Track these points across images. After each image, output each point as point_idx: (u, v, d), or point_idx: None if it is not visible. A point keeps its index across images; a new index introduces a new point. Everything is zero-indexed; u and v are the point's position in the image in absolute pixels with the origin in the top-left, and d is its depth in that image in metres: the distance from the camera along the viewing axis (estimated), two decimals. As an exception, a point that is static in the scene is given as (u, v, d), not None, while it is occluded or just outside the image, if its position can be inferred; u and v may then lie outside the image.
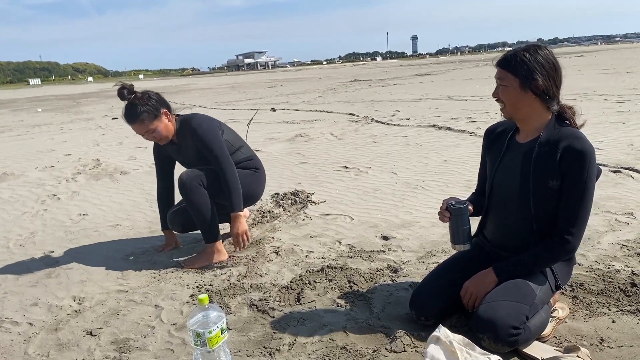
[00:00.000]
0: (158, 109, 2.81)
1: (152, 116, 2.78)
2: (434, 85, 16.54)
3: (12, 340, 2.24)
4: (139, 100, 2.77)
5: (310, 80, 29.02)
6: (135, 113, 2.75)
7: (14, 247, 3.47)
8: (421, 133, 7.01)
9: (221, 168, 2.81)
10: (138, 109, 2.75)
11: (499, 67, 1.95)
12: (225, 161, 2.83)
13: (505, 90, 1.92)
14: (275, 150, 6.55)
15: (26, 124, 12.88)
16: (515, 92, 1.90)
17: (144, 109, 2.75)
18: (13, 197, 4.89)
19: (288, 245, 3.15)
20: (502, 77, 1.93)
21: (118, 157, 6.76)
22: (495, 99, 1.99)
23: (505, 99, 1.93)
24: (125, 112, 2.78)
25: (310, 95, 16.58)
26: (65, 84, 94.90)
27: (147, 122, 2.77)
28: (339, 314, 2.26)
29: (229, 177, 2.81)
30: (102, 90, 38.02)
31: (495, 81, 1.97)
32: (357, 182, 4.58)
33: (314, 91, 18.47)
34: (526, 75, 1.87)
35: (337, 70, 51.66)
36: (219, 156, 2.82)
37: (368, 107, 11.01)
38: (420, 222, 3.40)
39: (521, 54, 1.89)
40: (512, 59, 1.90)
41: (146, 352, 2.07)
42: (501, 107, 1.98)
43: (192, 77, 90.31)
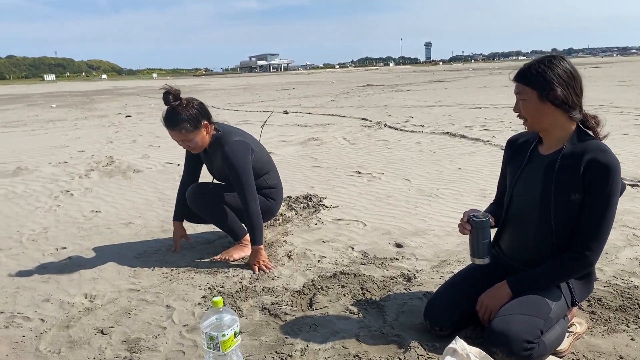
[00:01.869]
0: (199, 121, 2.76)
1: (192, 127, 2.73)
2: (447, 92, 16.48)
3: (24, 335, 2.24)
4: (182, 109, 2.71)
5: (322, 84, 29.05)
6: (176, 120, 2.70)
7: (27, 242, 3.48)
8: (435, 140, 6.98)
9: (246, 201, 2.77)
10: (180, 117, 2.70)
11: (516, 82, 1.92)
12: (250, 194, 2.78)
13: (525, 104, 1.89)
14: (288, 153, 6.54)
15: (40, 119, 12.98)
16: (535, 105, 1.87)
17: (185, 118, 2.70)
18: (27, 192, 4.92)
19: (300, 249, 3.13)
20: (521, 92, 1.90)
21: (131, 155, 6.78)
22: (516, 114, 1.96)
23: (526, 113, 1.91)
24: (166, 117, 2.74)
25: (323, 98, 16.58)
26: (79, 81, 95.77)
27: (186, 132, 2.73)
28: (352, 321, 2.24)
29: (252, 211, 2.78)
30: (116, 88, 38.33)
31: (515, 96, 1.94)
32: (370, 188, 4.55)
33: (327, 95, 18.47)
34: (543, 87, 1.84)
35: (350, 75, 51.68)
36: (244, 188, 2.78)
37: (381, 112, 10.98)
38: (434, 230, 3.37)
39: (536, 65, 1.87)
40: (528, 71, 1.88)
41: (157, 353, 2.06)
42: (524, 122, 1.95)
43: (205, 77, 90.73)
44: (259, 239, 2.80)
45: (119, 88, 38.54)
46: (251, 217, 2.77)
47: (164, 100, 2.71)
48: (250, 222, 2.78)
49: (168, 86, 2.72)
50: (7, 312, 2.47)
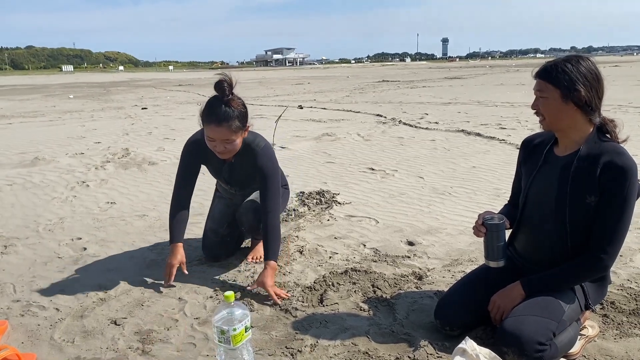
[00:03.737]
0: (246, 120, 2.48)
1: (240, 127, 2.43)
2: (463, 90, 16.36)
3: (39, 324, 2.28)
4: (236, 104, 2.40)
5: (337, 79, 29.00)
6: (228, 115, 2.36)
7: (43, 231, 3.53)
8: (449, 138, 6.94)
9: (272, 209, 2.55)
10: (232, 112, 2.37)
11: (538, 79, 1.89)
12: (277, 202, 2.59)
13: (545, 102, 1.87)
14: (302, 148, 6.55)
15: (58, 110, 13.13)
16: (556, 104, 1.85)
17: (237, 115, 2.39)
18: (44, 182, 4.99)
19: (312, 245, 3.14)
20: (542, 89, 1.87)
21: (147, 147, 6.84)
22: (534, 111, 1.93)
23: (545, 111, 1.88)
24: (215, 110, 2.36)
25: (338, 94, 16.56)
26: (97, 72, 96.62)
27: (235, 129, 2.40)
28: (362, 318, 2.24)
29: (276, 224, 2.55)
30: (132, 80, 38.61)
31: (534, 93, 1.92)
32: (383, 185, 4.55)
33: (342, 90, 18.44)
34: (568, 86, 1.81)
35: (365, 70, 51.50)
36: (275, 196, 2.57)
37: (396, 108, 10.94)
38: (447, 229, 3.35)
39: (562, 64, 1.84)
40: (553, 69, 1.85)
41: (169, 345, 2.08)
42: (540, 120, 1.93)
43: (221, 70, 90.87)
44: (278, 253, 2.56)
45: (135, 80, 38.82)
46: (274, 229, 2.53)
47: (219, 89, 2.37)
48: (272, 234, 2.52)
49: (224, 74, 2.39)
50: (24, 300, 2.51)
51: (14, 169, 5.61)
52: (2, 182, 5.01)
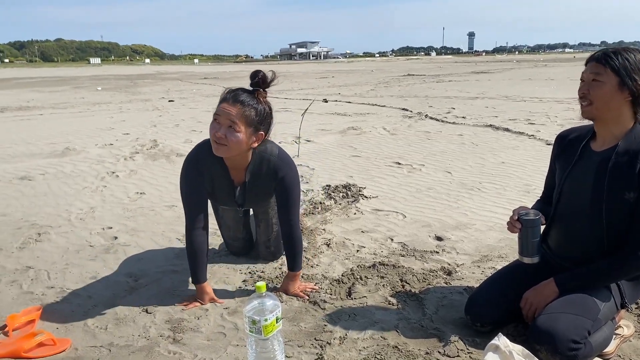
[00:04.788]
0: (263, 122, 2.25)
1: (254, 122, 2.21)
2: (490, 84, 16.12)
3: (73, 311, 2.32)
4: (261, 99, 2.25)
5: (362, 73, 28.86)
6: (247, 102, 2.18)
7: (75, 220, 3.60)
8: (477, 132, 6.85)
9: (295, 224, 2.41)
10: (252, 100, 2.20)
11: (596, 63, 1.84)
12: (298, 216, 2.45)
13: (599, 86, 1.82)
14: (327, 141, 6.54)
15: (87, 102, 13.36)
16: (611, 91, 1.80)
17: (255, 106, 2.20)
18: (74, 172, 5.09)
19: (339, 238, 3.14)
20: (600, 73, 1.82)
21: (174, 139, 6.91)
22: (580, 95, 1.88)
23: (595, 97, 1.83)
24: (238, 91, 2.22)
25: (363, 87, 16.48)
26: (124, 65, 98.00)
27: (245, 117, 2.17)
28: (391, 312, 2.23)
29: (299, 235, 2.43)
30: (159, 73, 39.07)
31: (583, 77, 1.87)
32: (410, 179, 4.51)
33: (366, 84, 18.35)
34: (628, 75, 1.77)
35: (390, 64, 51.16)
36: (297, 211, 2.42)
37: (422, 102, 10.85)
38: (476, 224, 3.32)
39: (625, 52, 1.80)
40: (616, 56, 1.80)
41: (199, 334, 2.10)
42: (585, 105, 1.87)
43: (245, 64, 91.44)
44: (301, 263, 2.48)
45: (161, 73, 39.28)
46: (297, 241, 2.42)
47: (252, 77, 2.24)
48: (296, 248, 2.42)
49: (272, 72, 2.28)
50: (57, 287, 2.57)
51: (46, 159, 5.73)
52: (35, 171, 5.13)
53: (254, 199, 2.52)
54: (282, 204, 2.39)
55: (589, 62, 1.88)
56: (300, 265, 2.46)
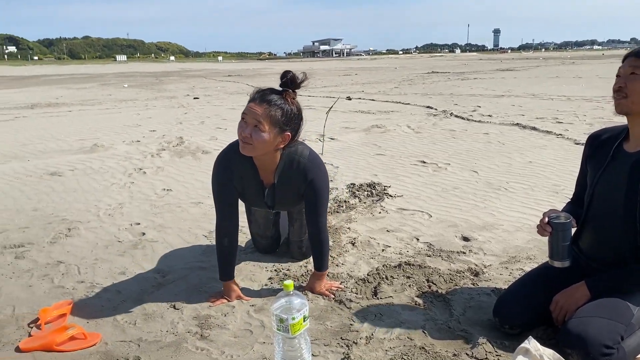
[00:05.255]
0: (289, 124, 2.20)
1: (279, 122, 2.17)
2: (517, 82, 15.88)
3: (102, 305, 2.37)
4: (289, 100, 2.21)
5: (385, 70, 28.72)
6: (275, 102, 2.15)
7: (104, 216, 3.67)
8: (504, 131, 6.75)
9: (323, 226, 2.41)
10: (279, 100, 2.17)
11: (635, 57, 1.82)
12: (326, 221, 2.43)
13: (637, 79, 1.79)
14: (351, 139, 6.53)
15: (114, 99, 13.57)
16: None
17: (282, 106, 2.16)
18: (103, 168, 5.18)
19: (364, 237, 3.13)
20: (639, 66, 1.79)
21: (200, 136, 6.98)
22: (615, 89, 1.85)
23: (633, 89, 1.79)
24: (266, 91, 2.20)
25: (386, 85, 16.40)
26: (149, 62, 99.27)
27: (270, 117, 2.14)
28: (417, 312, 2.22)
29: (326, 237, 2.42)
30: (183, 70, 39.47)
31: (620, 73, 1.85)
32: (436, 178, 4.48)
33: (390, 81, 18.25)
34: None
35: (414, 61, 50.80)
36: (324, 213, 2.41)
37: (447, 100, 10.74)
38: (503, 225, 3.27)
39: None
40: None
41: (226, 331, 2.12)
42: (619, 98, 1.83)
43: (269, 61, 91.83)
44: (327, 264, 2.48)
45: (186, 70, 39.68)
46: (325, 242, 2.42)
47: (281, 77, 2.22)
48: (324, 248, 2.41)
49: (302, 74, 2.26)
50: (87, 282, 2.62)
51: (75, 155, 5.84)
52: (64, 167, 5.23)
53: (283, 201, 2.49)
54: (310, 206, 2.38)
55: (628, 57, 1.84)
56: (326, 266, 2.46)
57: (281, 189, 2.40)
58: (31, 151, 6.12)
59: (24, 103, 12.48)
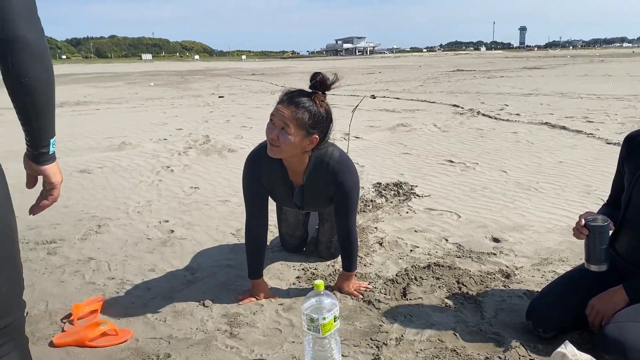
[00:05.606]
0: (313, 127, 2.14)
1: (307, 125, 2.12)
2: (544, 80, 15.60)
3: (133, 302, 2.39)
4: (318, 102, 2.15)
5: (409, 68, 28.50)
6: (303, 104, 2.11)
7: (133, 213, 3.71)
8: (532, 130, 6.63)
9: (353, 227, 2.39)
10: (307, 102, 2.12)
11: None
12: (354, 225, 2.40)
13: None
14: (376, 138, 6.49)
15: (140, 97, 13.75)
16: None
17: (310, 109, 2.11)
18: (131, 166, 5.24)
19: (392, 237, 3.10)
20: None
21: (226, 135, 7.02)
22: None
23: None
24: (295, 93, 2.16)
25: (411, 83, 16.28)
26: (174, 61, 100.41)
27: (297, 120, 2.10)
28: (448, 314, 2.19)
29: (355, 237, 2.41)
30: (208, 69, 39.80)
31: None
32: (464, 178, 4.42)
33: (415, 80, 18.11)
34: None
35: (438, 59, 50.35)
36: (354, 216, 2.40)
37: (473, 99, 10.60)
38: (534, 226, 3.21)
39: None
40: None
41: (255, 329, 2.12)
42: None
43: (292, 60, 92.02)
44: (356, 264, 2.47)
45: (210, 69, 40.00)
46: (354, 244, 2.40)
47: (311, 79, 2.18)
48: (353, 249, 2.40)
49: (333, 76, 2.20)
50: (118, 278, 2.65)
51: (103, 153, 5.93)
52: (93, 164, 5.31)
53: (313, 203, 2.47)
54: (340, 208, 2.36)
55: None
56: (355, 266, 2.44)
57: (310, 190, 2.38)
58: (61, 149, 6.22)
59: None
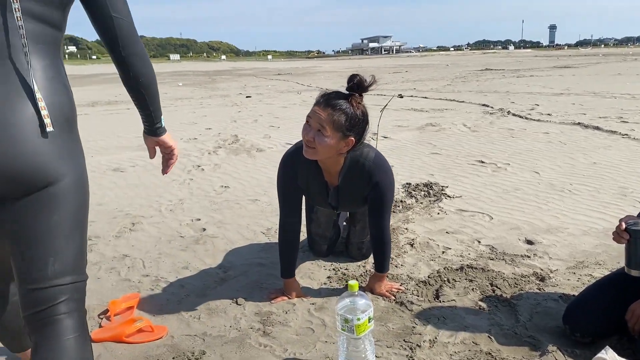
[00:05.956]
0: (350, 130, 2.14)
1: (343, 128, 2.12)
2: (575, 79, 15.28)
3: (167, 299, 2.43)
4: (355, 104, 2.15)
5: (436, 67, 28.24)
6: (340, 107, 2.11)
7: (165, 211, 3.77)
8: (565, 131, 6.51)
9: (387, 228, 2.37)
10: (344, 105, 2.12)
11: None
12: (388, 226, 2.39)
13: None
14: (405, 138, 6.45)
15: (170, 97, 13.92)
16: None
17: (347, 111, 2.11)
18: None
19: (423, 238, 3.08)
20: None
21: (254, 134, 7.06)
22: None
23: None
24: (332, 95, 2.16)
25: (438, 82, 16.12)
26: (201, 61, 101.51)
27: (334, 123, 2.10)
28: (482, 317, 2.17)
29: (389, 239, 2.40)
30: (234, 69, 40.11)
31: None
32: (495, 179, 4.36)
33: (442, 79, 17.94)
34: None
35: (466, 58, 49.76)
36: (389, 216, 2.39)
37: (503, 98, 10.45)
38: (569, 228, 3.15)
39: None
40: None
41: (288, 328, 2.14)
42: None
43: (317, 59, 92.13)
44: (389, 265, 2.46)
45: (237, 69, 40.31)
46: (387, 245, 2.39)
47: (348, 81, 2.17)
48: (386, 250, 2.39)
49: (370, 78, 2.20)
50: (152, 275, 2.69)
51: (135, 152, 6.03)
52: (126, 163, 5.41)
53: (348, 203, 2.48)
54: (374, 209, 2.35)
55: None
56: (387, 267, 2.43)
57: (345, 191, 2.38)
58: (94, 147, 6.36)
59: (85, 101, 12.97)
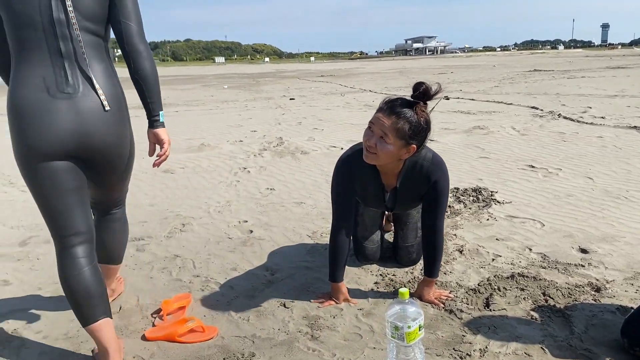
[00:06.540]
0: (412, 138, 2.13)
1: (406, 136, 2.12)
2: (631, 81, 14.67)
3: (217, 300, 2.48)
4: (419, 113, 2.12)
5: (483, 68, 27.69)
6: (404, 115, 2.10)
7: (214, 212, 3.85)
8: (620, 135, 6.26)
9: (441, 229, 2.38)
10: (410, 116, 2.10)
11: None
12: (442, 228, 2.38)
13: None
14: (451, 141, 6.36)
15: (216, 100, 14.20)
16: None
17: (411, 119, 2.10)
18: (210, 167, 5.43)
19: (472, 245, 3.03)
20: None
21: (298, 137, 7.12)
22: None
23: None
24: (396, 103, 2.14)
25: (485, 84, 15.81)
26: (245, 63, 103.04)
27: (397, 131, 2.10)
28: (534, 327, 2.11)
29: (442, 242, 2.39)
30: (278, 71, 40.51)
31: None
32: (546, 185, 4.24)
33: (489, 80, 17.57)
34: None
35: (513, 58, 48.59)
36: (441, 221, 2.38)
37: (553, 100, 10.15)
38: (626, 237, 3.03)
39: None
40: None
41: (336, 333, 2.14)
42: None
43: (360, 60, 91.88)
44: (439, 271, 2.44)
45: (280, 71, 40.69)
46: (439, 247, 2.38)
47: (414, 89, 2.14)
48: (438, 253, 2.38)
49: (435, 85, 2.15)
50: (202, 276, 2.75)
51: (184, 154, 6.18)
52: (175, 165, 5.55)
53: (404, 203, 2.50)
54: (429, 209, 2.36)
55: None
56: (437, 272, 2.41)
57: (403, 192, 2.40)
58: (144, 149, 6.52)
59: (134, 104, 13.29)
